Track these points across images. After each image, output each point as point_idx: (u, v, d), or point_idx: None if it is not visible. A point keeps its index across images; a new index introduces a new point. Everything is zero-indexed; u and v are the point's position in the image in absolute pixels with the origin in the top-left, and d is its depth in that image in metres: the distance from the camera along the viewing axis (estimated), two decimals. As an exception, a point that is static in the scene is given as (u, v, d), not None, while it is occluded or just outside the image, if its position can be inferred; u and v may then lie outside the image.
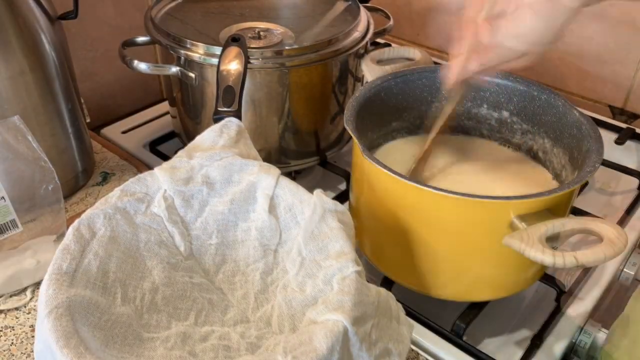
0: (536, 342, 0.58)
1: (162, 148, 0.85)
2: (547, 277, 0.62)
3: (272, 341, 0.44)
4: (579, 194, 0.77)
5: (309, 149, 0.76)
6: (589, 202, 0.77)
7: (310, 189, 0.50)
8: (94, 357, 0.38)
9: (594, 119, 0.64)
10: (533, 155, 0.67)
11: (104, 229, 0.47)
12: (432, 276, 0.57)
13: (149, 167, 0.78)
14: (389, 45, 1.04)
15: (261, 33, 0.72)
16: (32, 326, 0.56)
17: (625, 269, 0.68)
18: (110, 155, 0.80)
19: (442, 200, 0.51)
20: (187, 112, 0.75)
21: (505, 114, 0.67)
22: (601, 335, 0.60)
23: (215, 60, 0.64)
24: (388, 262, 0.60)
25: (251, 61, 0.65)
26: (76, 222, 0.47)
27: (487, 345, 0.60)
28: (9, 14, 0.60)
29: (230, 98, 0.60)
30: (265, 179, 0.51)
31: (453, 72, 0.54)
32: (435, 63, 0.75)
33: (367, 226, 0.60)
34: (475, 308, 0.59)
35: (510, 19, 0.47)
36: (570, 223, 0.49)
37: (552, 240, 0.49)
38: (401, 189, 0.53)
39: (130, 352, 0.42)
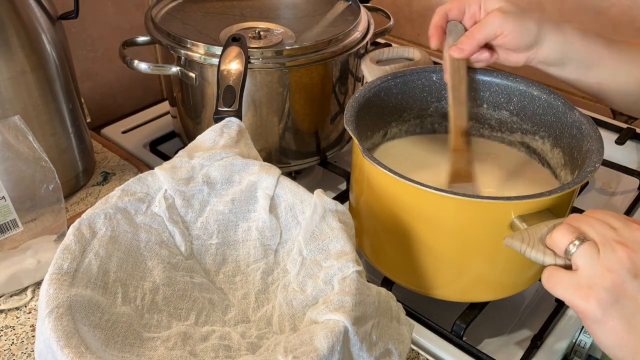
0: (536, 342, 0.58)
1: (162, 148, 0.85)
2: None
3: (273, 341, 0.44)
4: (579, 194, 0.77)
5: (309, 149, 0.76)
6: (589, 202, 0.77)
7: (311, 189, 0.51)
8: (95, 357, 0.38)
9: (594, 119, 0.64)
10: (533, 155, 0.67)
11: (104, 228, 0.47)
12: (432, 276, 0.57)
13: (150, 167, 0.78)
14: (389, 45, 1.04)
15: (261, 33, 0.72)
16: (32, 326, 0.56)
17: (625, 269, 0.68)
18: (111, 155, 0.80)
19: (443, 200, 0.51)
20: (188, 112, 0.75)
21: (505, 114, 0.67)
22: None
23: (215, 60, 0.64)
24: (388, 262, 0.60)
25: (251, 61, 0.65)
26: (77, 221, 0.47)
27: (487, 345, 0.60)
28: (10, 14, 0.60)
29: (230, 98, 0.60)
30: (266, 178, 0.51)
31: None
32: (435, 63, 0.75)
33: (367, 226, 0.60)
34: (475, 308, 0.59)
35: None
36: (570, 223, 0.49)
37: (553, 241, 0.49)
38: (401, 189, 0.53)
39: (130, 352, 0.42)
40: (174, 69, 0.70)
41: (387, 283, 0.62)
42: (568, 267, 0.43)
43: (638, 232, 0.41)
